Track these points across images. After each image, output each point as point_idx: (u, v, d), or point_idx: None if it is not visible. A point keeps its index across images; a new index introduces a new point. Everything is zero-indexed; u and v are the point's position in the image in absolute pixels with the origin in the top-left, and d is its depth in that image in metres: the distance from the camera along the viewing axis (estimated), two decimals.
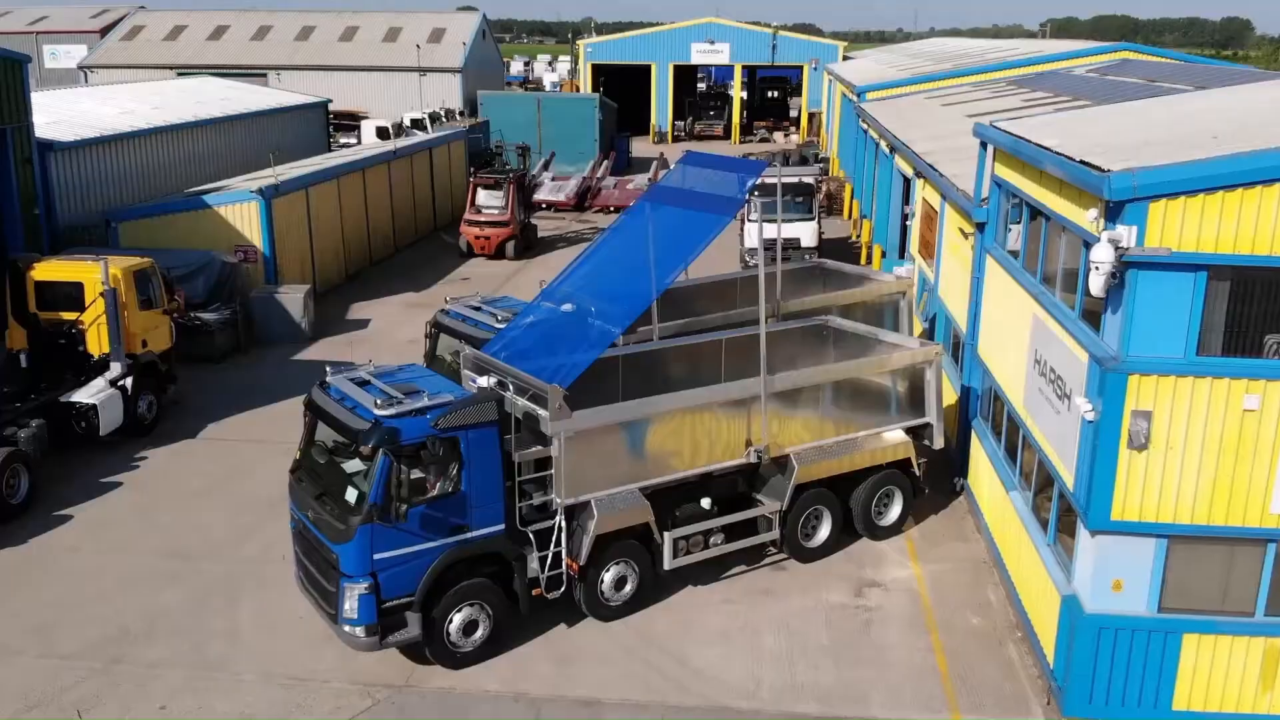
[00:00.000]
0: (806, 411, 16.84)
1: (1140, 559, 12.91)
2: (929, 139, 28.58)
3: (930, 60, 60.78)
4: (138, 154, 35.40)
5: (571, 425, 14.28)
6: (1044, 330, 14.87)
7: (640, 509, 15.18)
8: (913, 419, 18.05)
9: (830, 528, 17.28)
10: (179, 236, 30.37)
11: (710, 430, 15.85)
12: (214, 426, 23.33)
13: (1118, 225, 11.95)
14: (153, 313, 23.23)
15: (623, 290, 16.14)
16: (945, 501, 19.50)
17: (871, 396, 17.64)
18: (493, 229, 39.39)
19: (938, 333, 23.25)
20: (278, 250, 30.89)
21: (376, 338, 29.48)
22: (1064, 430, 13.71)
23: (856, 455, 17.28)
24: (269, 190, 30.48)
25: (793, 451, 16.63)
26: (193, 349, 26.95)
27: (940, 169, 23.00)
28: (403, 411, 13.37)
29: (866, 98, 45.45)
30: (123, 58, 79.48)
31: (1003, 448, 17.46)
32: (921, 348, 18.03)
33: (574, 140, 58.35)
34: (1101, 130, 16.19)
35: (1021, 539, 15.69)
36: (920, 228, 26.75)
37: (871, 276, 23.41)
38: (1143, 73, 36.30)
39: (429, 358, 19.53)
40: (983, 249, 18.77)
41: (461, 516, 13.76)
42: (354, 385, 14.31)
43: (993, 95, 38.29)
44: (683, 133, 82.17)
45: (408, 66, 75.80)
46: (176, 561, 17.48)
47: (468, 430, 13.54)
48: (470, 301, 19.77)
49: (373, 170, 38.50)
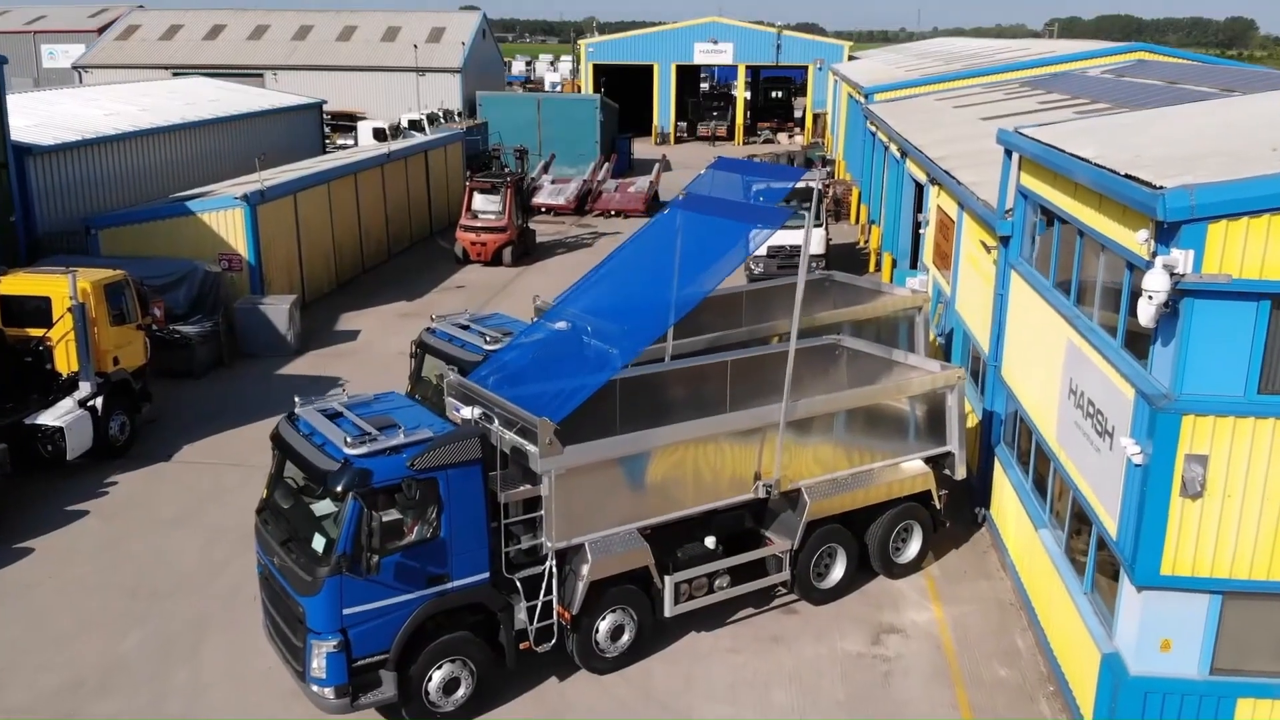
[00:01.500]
0: (819, 441, 15.57)
1: (1192, 617, 11.65)
2: (943, 143, 27.31)
3: (939, 61, 59.49)
4: (122, 158, 34.15)
5: (563, 462, 13.03)
6: (1079, 358, 13.61)
7: (639, 552, 13.92)
8: (933, 448, 16.78)
9: (845, 567, 16.02)
10: (161, 244, 29.12)
11: (716, 464, 14.59)
12: (191, 448, 22.08)
13: (1172, 249, 10.68)
14: (125, 328, 21.98)
15: (635, 313, 14.77)
16: (966, 533, 18.24)
17: (889, 424, 16.38)
18: (489, 234, 38.14)
19: (955, 350, 21.98)
20: (264, 258, 29.65)
21: (365, 350, 28.25)
22: (1105, 471, 12.45)
23: (873, 488, 16.02)
24: (254, 196, 29.24)
25: (804, 485, 15.37)
26: (172, 363, 25.74)
27: (958, 176, 21.74)
28: (375, 450, 12.11)
29: (874, 99, 44.17)
30: (118, 57, 78.28)
31: (1030, 480, 16.20)
32: (943, 371, 16.76)
33: (574, 142, 57.13)
34: (1142, 139, 14.93)
35: (1053, 583, 14.42)
36: (935, 237, 25.48)
37: (884, 290, 22.14)
38: (1161, 74, 35.07)
39: (413, 378, 18.29)
40: (1007, 264, 17.50)
41: (441, 565, 12.50)
42: (324, 419, 13.05)
43: (1007, 97, 37.04)
44: (685, 134, 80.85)
45: (406, 67, 74.53)
46: (141, 600, 16.25)
47: (448, 470, 12.29)
48: (457, 319, 18.50)
49: (365, 174, 37.25)
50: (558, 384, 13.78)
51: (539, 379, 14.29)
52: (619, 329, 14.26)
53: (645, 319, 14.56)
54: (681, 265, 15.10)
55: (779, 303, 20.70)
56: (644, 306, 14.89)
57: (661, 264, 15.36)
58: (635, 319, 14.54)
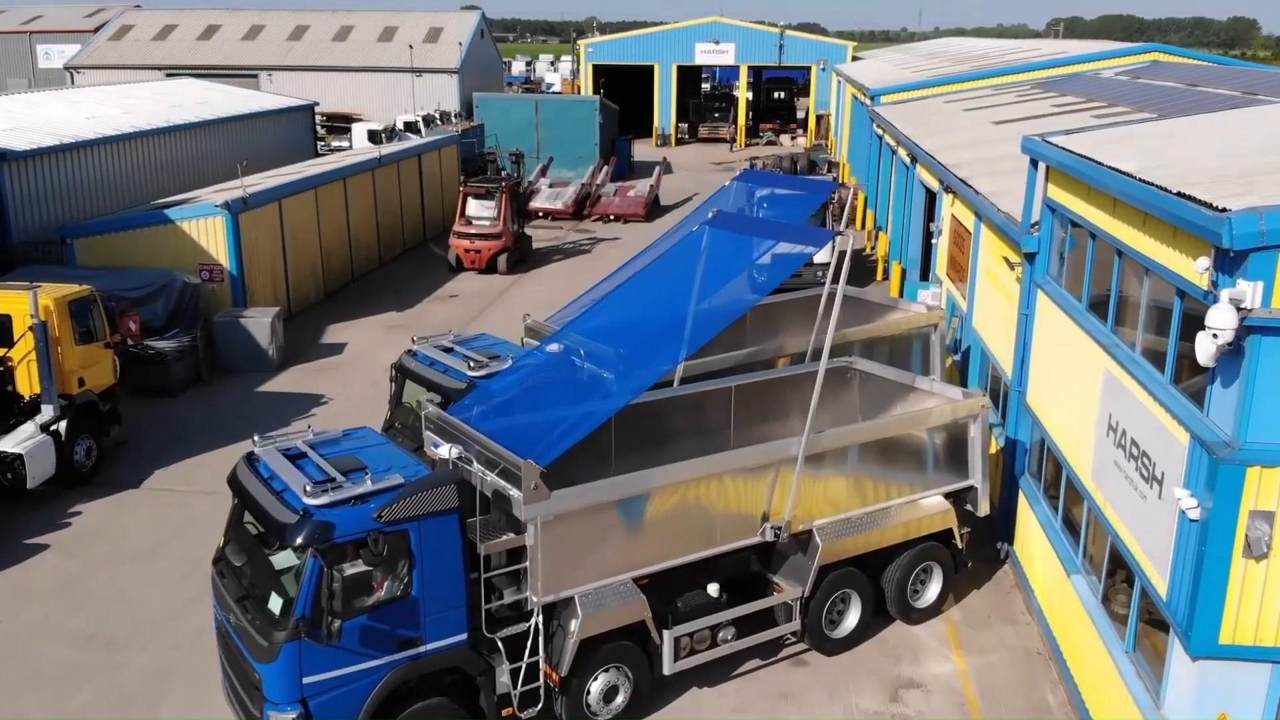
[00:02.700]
0: (833, 477, 14.29)
1: (1253, 689, 10.40)
2: (956, 149, 26.04)
3: (946, 61, 58.21)
4: (103, 163, 32.91)
5: (549, 508, 11.76)
6: (1120, 392, 12.35)
7: (634, 605, 12.64)
8: (954, 482, 15.50)
9: (860, 614, 14.75)
10: (140, 254, 27.92)
11: (721, 505, 13.32)
12: (162, 473, 20.83)
13: (1238, 279, 9.42)
14: (92, 346, 20.73)
15: (644, 343, 13.48)
16: (987, 571, 16.97)
17: (906, 456, 15.09)
18: (484, 241, 36.86)
19: (972, 369, 20.72)
20: (246, 268, 28.40)
21: (350, 365, 26.99)
22: (1152, 521, 11.20)
23: (890, 528, 14.74)
24: (236, 204, 27.99)
25: (816, 526, 14.10)
26: (147, 380, 24.52)
27: (975, 185, 20.47)
28: (338, 500, 10.86)
29: (881, 101, 42.91)
30: (110, 58, 77.04)
31: (1059, 518, 14.94)
32: (966, 399, 15.48)
33: (573, 144, 55.87)
34: (1185, 151, 13.67)
35: (1088, 636, 13.16)
36: (949, 247, 24.22)
37: (896, 306, 20.88)
38: (1178, 75, 33.81)
39: (393, 404, 17.03)
40: (1032, 282, 16.24)
41: (413, 626, 11.25)
42: (285, 460, 11.80)
43: (1019, 99, 35.78)
44: (686, 135, 79.56)
45: (403, 67, 73.27)
46: (97, 649, 15.00)
47: (420, 521, 11.04)
48: (440, 341, 17.20)
49: (356, 179, 35.99)
50: (548, 421, 12.50)
51: (528, 414, 13.01)
52: (623, 363, 12.96)
53: (655, 351, 13.23)
54: (704, 289, 13.80)
55: (786, 320, 19.45)
56: (655, 337, 13.57)
57: (681, 290, 14.06)
58: (643, 351, 13.23)
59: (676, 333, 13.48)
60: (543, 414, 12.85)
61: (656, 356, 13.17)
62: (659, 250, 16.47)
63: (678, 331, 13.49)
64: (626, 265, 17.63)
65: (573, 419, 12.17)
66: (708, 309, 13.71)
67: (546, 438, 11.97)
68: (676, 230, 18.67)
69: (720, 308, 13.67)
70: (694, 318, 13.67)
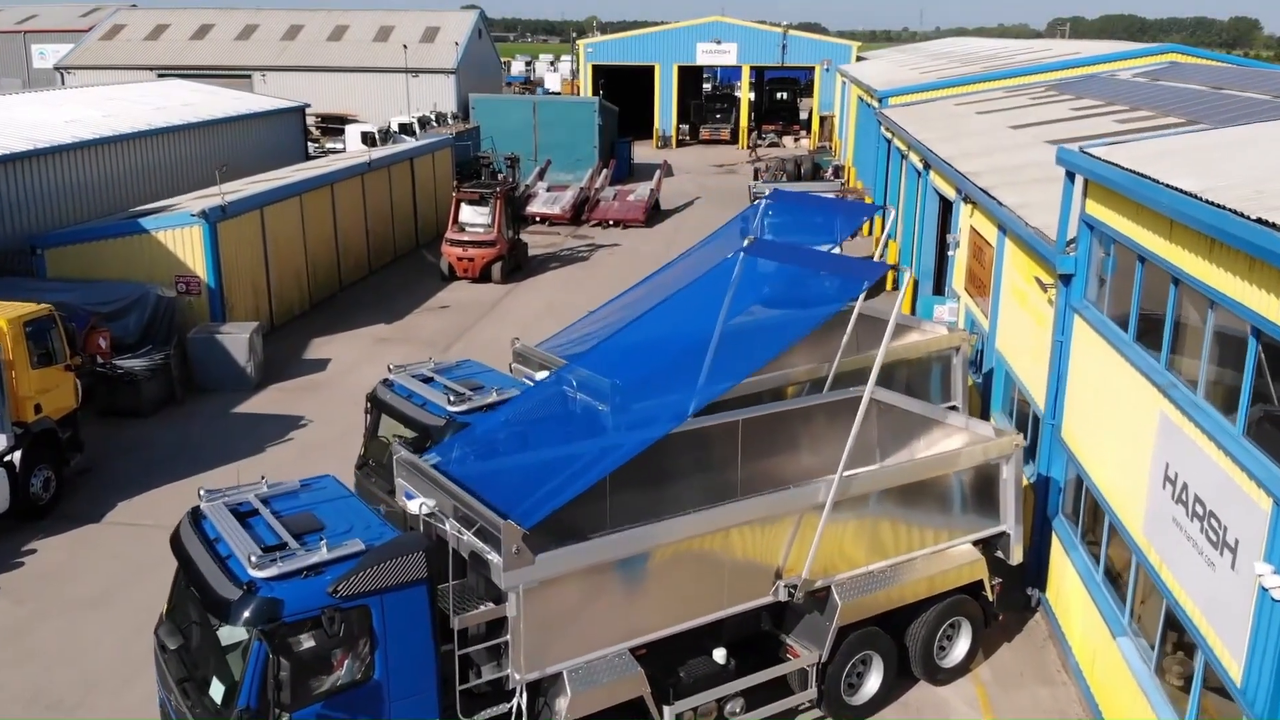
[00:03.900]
0: (853, 525, 12.85)
1: None
2: (973, 155, 24.62)
3: (954, 62, 56.74)
4: (79, 168, 31.45)
5: (534, 574, 10.34)
6: (1179, 439, 10.93)
7: (631, 680, 11.19)
8: (984, 529, 14.06)
9: (881, 677, 13.31)
10: (114, 265, 26.55)
11: (731, 561, 11.87)
12: (126, 506, 19.41)
13: None
14: (52, 370, 19.27)
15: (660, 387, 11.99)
16: (1018, 621, 15.52)
17: (933, 501, 13.63)
18: (477, 249, 35.42)
19: (995, 394, 19.28)
20: (226, 280, 26.99)
21: (333, 383, 25.55)
22: (1222, 594, 9.78)
23: (916, 582, 13.30)
24: (214, 212, 26.57)
25: (834, 583, 12.67)
26: (116, 401, 23.14)
27: (998, 196, 19.04)
28: (288, 572, 9.44)
29: (889, 103, 41.45)
30: (101, 58, 75.62)
31: (1100, 569, 13.52)
32: (999, 436, 14.04)
33: (572, 146, 54.49)
34: (1247, 166, 12.23)
35: (1138, 708, 11.73)
36: (968, 261, 22.79)
37: (915, 326, 19.45)
38: (1199, 78, 32.41)
39: (368, 438, 15.58)
40: (1069, 306, 14.81)
41: (376, 713, 9.82)
42: (233, 519, 10.38)
43: (1034, 102, 34.38)
44: (688, 136, 78.11)
45: (399, 67, 71.84)
46: (40, 712, 13.60)
47: (384, 595, 9.62)
48: (419, 369, 15.70)
49: (343, 184, 34.55)
50: (537, 473, 11.05)
51: (514, 463, 11.57)
52: (631, 410, 11.48)
53: (670, 399, 11.74)
54: (733, 328, 12.32)
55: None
56: (672, 381, 12.08)
57: (707, 327, 12.58)
58: (656, 397, 11.75)
59: (696, 379, 11.96)
60: (532, 464, 11.40)
61: (671, 406, 11.65)
62: (679, 275, 14.95)
63: (698, 377, 11.98)
64: (639, 285, 16.23)
65: (566, 473, 10.71)
66: (735, 351, 12.20)
67: (533, 494, 10.53)
68: (698, 252, 17.18)
69: (751, 350, 12.19)
70: (719, 361, 12.17)
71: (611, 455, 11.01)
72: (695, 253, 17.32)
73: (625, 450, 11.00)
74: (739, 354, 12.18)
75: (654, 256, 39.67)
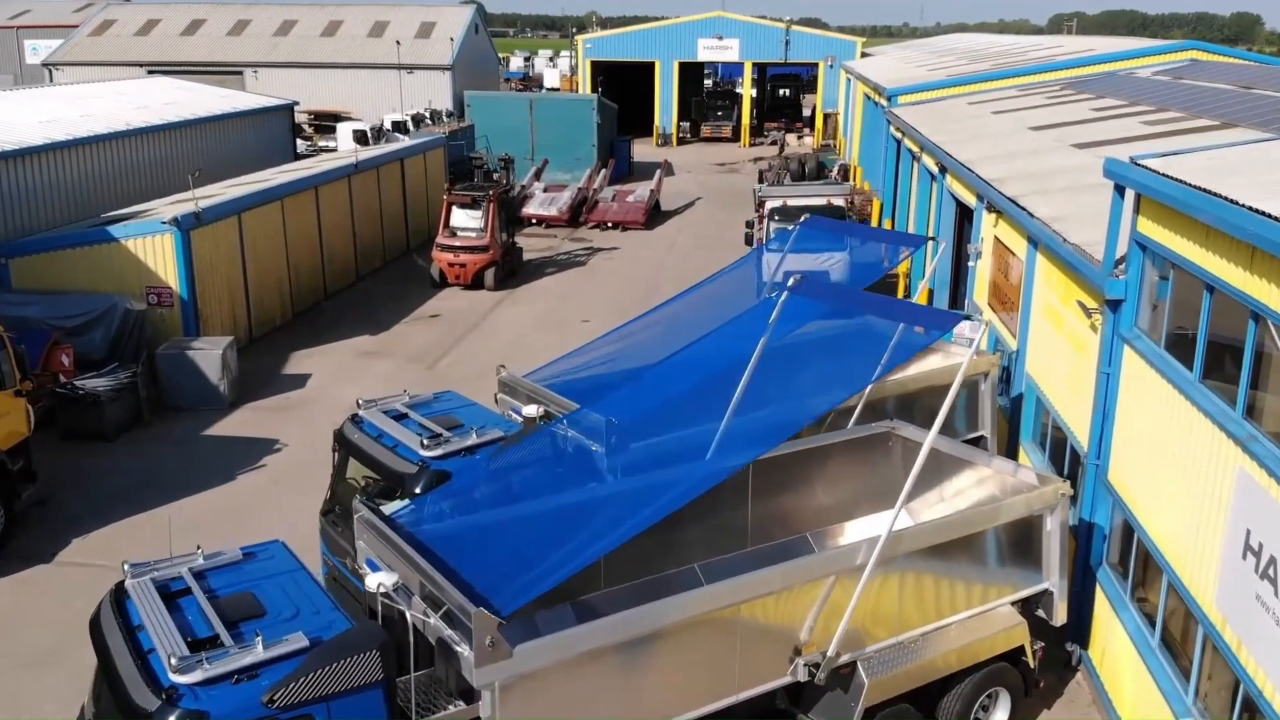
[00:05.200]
0: (883, 590, 11.30)
1: None
2: (994, 160, 23.05)
3: (962, 59, 55.10)
4: (52, 171, 29.83)
5: (513, 669, 8.78)
6: (1263, 503, 9.38)
7: None
8: (1025, 587, 12.51)
9: None
10: (82, 275, 25.02)
11: (742, 637, 10.33)
12: (81, 543, 17.87)
13: None
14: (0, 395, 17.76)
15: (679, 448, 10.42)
16: (1058, 681, 13.96)
17: (969, 558, 12.09)
18: (469, 254, 33.84)
19: (1024, 422, 17.74)
20: (200, 291, 25.44)
21: (311, 403, 24.00)
22: None
23: (950, 653, 11.76)
24: (186, 219, 25.01)
25: (860, 658, 11.13)
26: (78, 424, 21.58)
27: (1028, 207, 17.48)
28: (214, 676, 7.90)
29: (899, 101, 39.88)
30: (90, 54, 74.07)
31: (1157, 635, 11.98)
32: (1043, 485, 12.49)
33: (570, 145, 52.91)
34: None
35: None
36: (991, 273, 21.24)
37: (939, 349, 17.88)
38: (1223, 76, 30.88)
39: (334, 481, 14.00)
40: (1117, 335, 13.26)
41: None
42: (158, 603, 8.83)
43: (1050, 102, 32.80)
44: (688, 134, 76.48)
45: (393, 64, 70.28)
46: None
47: (330, 702, 8.07)
48: (392, 404, 14.09)
49: (329, 187, 32.99)
50: (526, 545, 9.48)
51: (500, 529, 9.99)
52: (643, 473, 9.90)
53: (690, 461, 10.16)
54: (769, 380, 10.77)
55: None
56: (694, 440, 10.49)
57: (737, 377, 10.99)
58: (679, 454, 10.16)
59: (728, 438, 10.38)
60: (520, 533, 9.83)
61: (696, 470, 10.07)
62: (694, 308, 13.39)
63: (728, 437, 10.41)
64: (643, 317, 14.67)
65: (562, 549, 9.09)
66: (777, 406, 10.63)
67: (518, 572, 8.96)
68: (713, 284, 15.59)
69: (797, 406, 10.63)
70: (757, 418, 10.60)
71: (621, 527, 9.40)
72: (710, 284, 15.75)
73: (637, 522, 9.42)
74: (781, 410, 10.59)
75: (654, 261, 38.19)
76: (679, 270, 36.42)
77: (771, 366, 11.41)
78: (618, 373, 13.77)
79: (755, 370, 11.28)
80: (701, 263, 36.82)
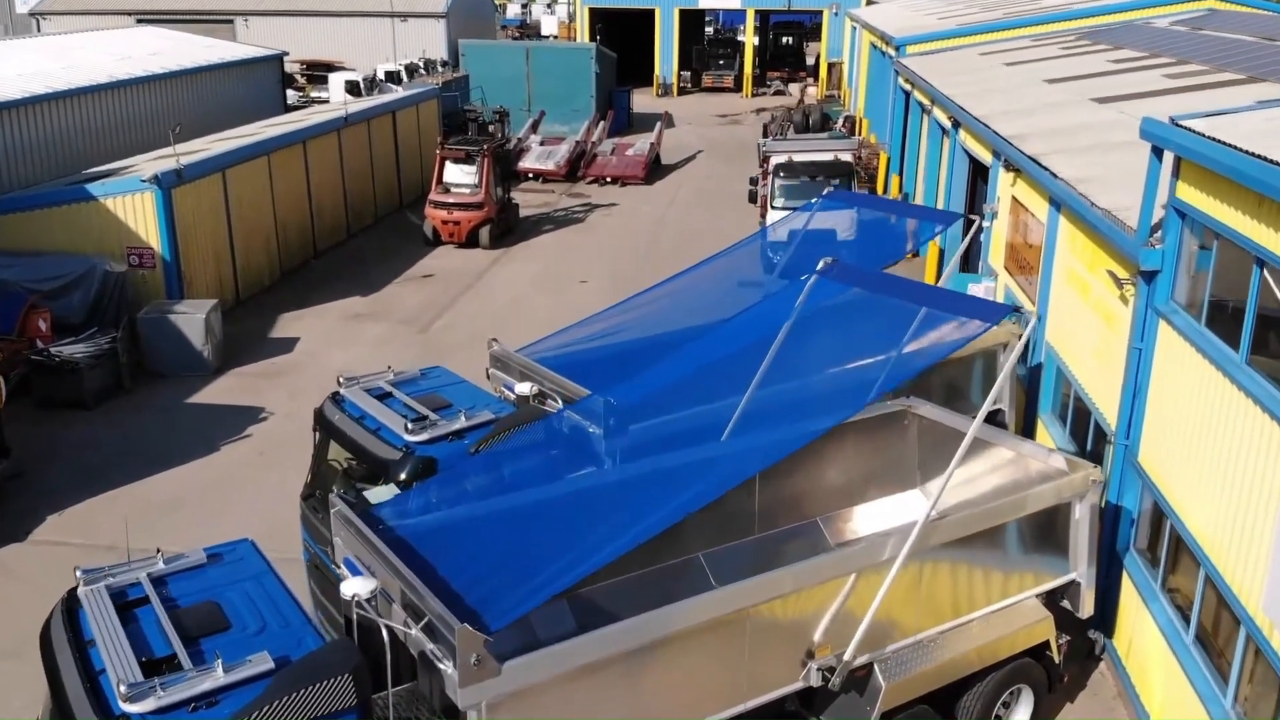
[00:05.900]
0: (904, 586, 10.50)
1: None
2: (1012, 115, 22.02)
3: (972, 7, 53.49)
4: (31, 126, 28.79)
5: (500, 688, 8.01)
6: None
7: None
8: (1051, 578, 11.76)
9: None
10: (60, 236, 24.03)
11: (751, 640, 9.58)
12: (56, 520, 17.11)
13: None
14: None
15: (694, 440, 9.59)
16: (1080, 672, 13.24)
17: (993, 549, 11.31)
18: (463, 212, 32.79)
19: (1044, 394, 16.92)
20: (183, 251, 24.49)
21: (300, 368, 23.15)
22: None
23: (972, 651, 11.02)
24: (168, 177, 23.99)
25: (876, 659, 10.38)
26: (55, 392, 20.75)
27: (1050, 166, 16.53)
28: (170, 705, 7.12)
29: (907, 52, 38.61)
30: (78, 3, 72.09)
31: (1191, 632, 11.23)
32: (1073, 471, 11.68)
33: (568, 96, 51.56)
34: None
35: None
36: (1008, 234, 20.32)
37: None
38: (1244, 26, 29.74)
39: (315, 464, 13.17)
40: (1150, 308, 12.38)
41: None
42: (111, 617, 8.03)
43: (1065, 53, 31.62)
44: (689, 84, 74.90)
45: (386, 11, 68.57)
46: None
47: None
48: (375, 382, 13.22)
49: (318, 141, 31.89)
50: (521, 550, 8.65)
51: (492, 530, 9.16)
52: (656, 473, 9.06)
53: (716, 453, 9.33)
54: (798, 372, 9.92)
55: None
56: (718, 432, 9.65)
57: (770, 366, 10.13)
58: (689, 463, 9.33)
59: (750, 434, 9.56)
60: (516, 536, 9.00)
61: (715, 468, 9.24)
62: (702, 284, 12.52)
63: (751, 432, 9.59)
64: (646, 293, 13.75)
65: (562, 558, 8.26)
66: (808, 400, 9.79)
67: (512, 582, 8.12)
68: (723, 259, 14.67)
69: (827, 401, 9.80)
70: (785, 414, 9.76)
71: (629, 532, 8.57)
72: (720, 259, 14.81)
73: (647, 527, 8.60)
74: (812, 404, 9.75)
75: (654, 218, 37.16)
76: (680, 227, 35.43)
77: (795, 358, 10.54)
78: (617, 351, 12.92)
79: (774, 359, 10.40)
80: (703, 220, 35.83)
